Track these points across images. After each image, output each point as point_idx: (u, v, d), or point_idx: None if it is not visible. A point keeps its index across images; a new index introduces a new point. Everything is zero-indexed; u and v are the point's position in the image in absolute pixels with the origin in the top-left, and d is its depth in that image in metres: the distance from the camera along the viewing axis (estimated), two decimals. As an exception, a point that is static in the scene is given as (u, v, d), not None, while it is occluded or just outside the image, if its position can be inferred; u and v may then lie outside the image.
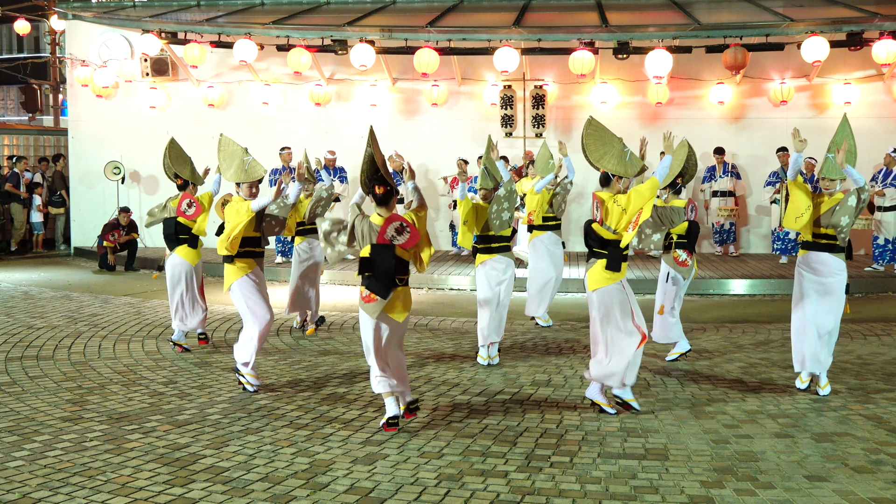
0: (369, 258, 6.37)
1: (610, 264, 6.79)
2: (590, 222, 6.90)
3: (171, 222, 9.34)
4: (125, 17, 16.72)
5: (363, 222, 6.43)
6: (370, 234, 6.39)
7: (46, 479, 5.43)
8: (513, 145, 16.64)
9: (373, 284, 6.38)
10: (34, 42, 41.44)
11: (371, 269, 6.38)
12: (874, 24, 14.27)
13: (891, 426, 6.53)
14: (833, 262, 7.39)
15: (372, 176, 6.43)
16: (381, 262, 6.38)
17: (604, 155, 7.04)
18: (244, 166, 7.54)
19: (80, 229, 18.49)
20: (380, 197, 6.44)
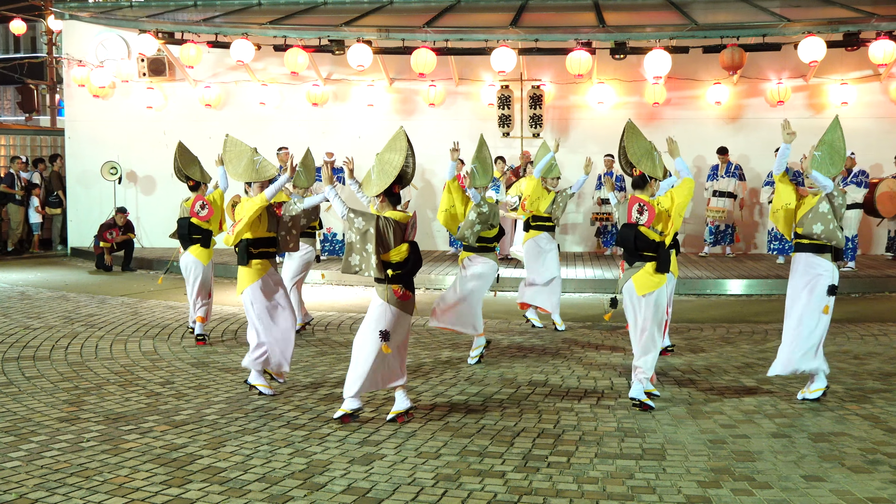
0: (409, 257, 6.45)
1: (660, 266, 7.00)
2: (631, 226, 6.98)
3: (184, 222, 9.62)
4: (122, 17, 16.71)
5: (389, 223, 6.34)
6: (398, 233, 6.38)
7: (43, 479, 5.42)
8: (510, 145, 16.65)
9: (408, 282, 6.52)
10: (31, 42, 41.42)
11: (407, 267, 6.46)
12: (871, 24, 14.28)
13: (887, 426, 6.53)
14: (817, 262, 7.08)
15: (397, 177, 6.49)
16: (416, 260, 6.53)
17: (642, 157, 7.31)
18: (255, 165, 7.48)
19: (76, 230, 18.47)
20: (397, 196, 6.57)
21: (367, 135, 17.21)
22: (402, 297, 6.48)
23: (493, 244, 8.76)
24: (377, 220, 6.30)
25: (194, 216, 9.45)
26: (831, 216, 6.92)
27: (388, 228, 6.32)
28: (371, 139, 17.07)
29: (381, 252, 6.34)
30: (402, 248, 6.41)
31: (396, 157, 6.51)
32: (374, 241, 6.27)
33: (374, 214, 6.37)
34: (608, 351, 9.27)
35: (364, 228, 6.31)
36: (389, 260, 6.41)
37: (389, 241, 6.34)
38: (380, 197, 6.54)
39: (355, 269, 6.42)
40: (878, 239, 16.30)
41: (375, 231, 6.27)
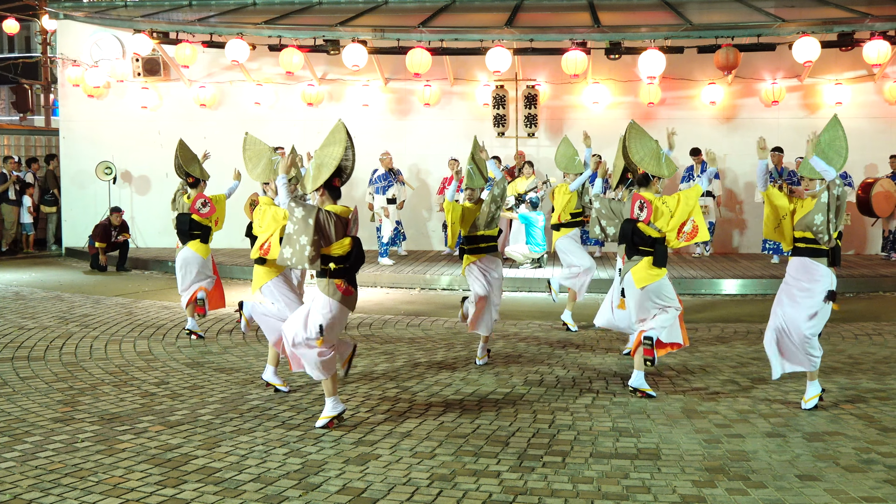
0: (351, 251, 6.36)
1: (657, 261, 7.26)
2: (631, 222, 7.27)
3: (185, 218, 9.78)
4: (116, 16, 16.69)
5: (330, 216, 6.25)
6: (340, 227, 6.29)
7: (38, 479, 5.41)
8: (505, 145, 16.65)
9: (351, 277, 6.44)
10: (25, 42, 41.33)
11: (350, 261, 6.37)
12: (865, 24, 14.31)
13: (882, 425, 6.55)
14: (814, 267, 6.88)
15: (336, 170, 6.40)
16: (359, 254, 6.44)
17: (645, 157, 7.46)
18: (273, 165, 7.41)
19: (71, 229, 18.44)
20: (337, 190, 6.49)
21: (362, 135, 17.15)
22: (344, 292, 6.39)
23: (495, 243, 8.75)
24: (318, 212, 6.21)
25: (195, 213, 9.63)
26: (832, 206, 6.69)
27: (329, 221, 6.22)
28: (366, 139, 17.08)
29: (321, 245, 6.25)
30: (344, 242, 6.33)
31: (336, 149, 6.39)
32: (311, 233, 6.16)
33: (315, 206, 6.28)
34: (603, 351, 9.28)
35: (303, 219, 6.19)
36: (331, 253, 6.32)
37: (331, 234, 6.25)
38: (319, 191, 6.44)
39: (287, 262, 6.33)
40: (872, 239, 16.32)
41: (315, 222, 6.17)
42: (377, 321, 11.00)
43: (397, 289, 13.67)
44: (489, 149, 16.40)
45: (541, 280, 13.62)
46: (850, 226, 15.85)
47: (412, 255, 16.51)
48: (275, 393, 7.49)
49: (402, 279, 13.94)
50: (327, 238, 6.24)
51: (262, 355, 9.01)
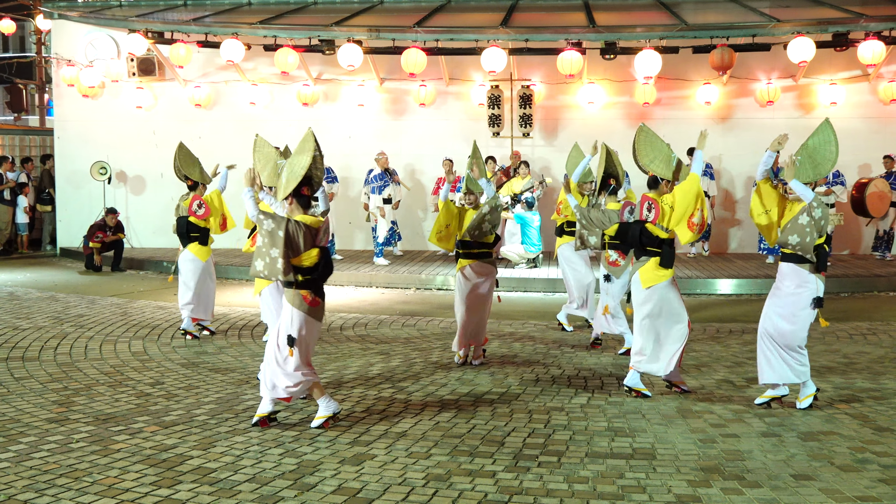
0: (318, 262, 6.34)
1: (664, 261, 7.32)
2: (639, 223, 7.37)
3: (183, 221, 9.83)
4: (111, 16, 16.65)
5: (299, 227, 6.24)
6: (308, 238, 6.28)
7: (32, 480, 5.41)
8: (500, 145, 16.66)
9: (319, 288, 6.43)
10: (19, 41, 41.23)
11: (318, 272, 6.37)
12: (860, 24, 14.33)
13: (876, 425, 6.56)
14: (797, 274, 6.87)
15: (305, 178, 6.40)
16: (327, 265, 6.43)
17: (654, 159, 7.52)
18: (277, 170, 7.36)
19: (66, 230, 18.40)
20: (306, 199, 6.47)
21: (358, 135, 17.20)
22: (311, 303, 6.37)
23: (491, 249, 8.71)
24: (287, 223, 6.19)
25: (192, 215, 9.70)
26: (810, 229, 6.69)
27: (299, 232, 6.22)
28: (361, 139, 17.10)
29: (290, 256, 6.24)
30: (312, 253, 6.30)
31: (304, 158, 6.40)
32: (281, 244, 6.15)
33: (284, 217, 6.26)
34: (598, 351, 9.29)
35: (273, 231, 6.19)
36: (300, 265, 6.30)
37: (299, 244, 6.23)
38: (289, 199, 6.43)
39: (260, 273, 6.31)
40: (866, 238, 16.34)
41: (285, 234, 6.16)
42: (373, 321, 10.99)
43: (393, 289, 13.67)
44: (484, 149, 16.48)
45: (536, 280, 13.64)
46: (845, 226, 15.86)
47: (407, 255, 16.51)
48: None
49: (398, 279, 13.94)
50: (296, 249, 6.25)
51: (257, 355, 9.00)
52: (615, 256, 9.06)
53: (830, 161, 7.01)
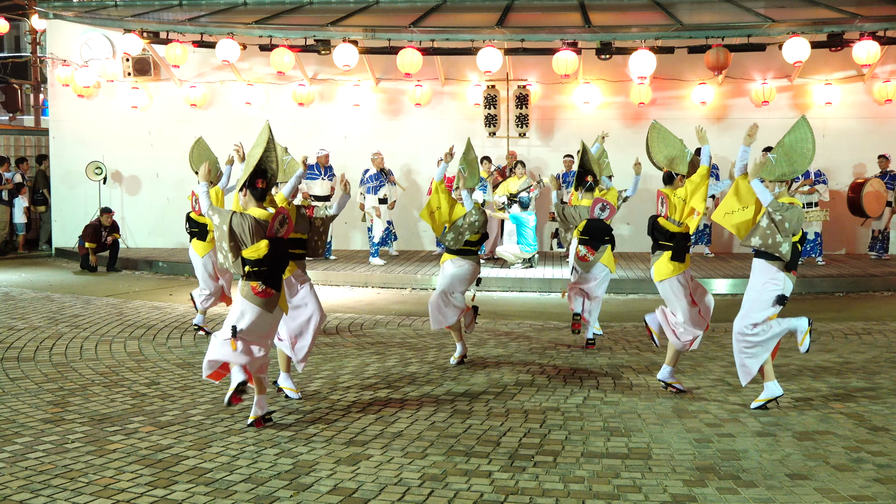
0: (269, 254, 6.35)
1: (675, 255, 7.46)
2: (654, 217, 7.52)
3: (187, 216, 10.10)
4: (107, 16, 16.63)
5: (245, 220, 6.30)
6: (257, 231, 6.31)
7: (28, 481, 5.40)
8: (496, 145, 16.66)
9: (269, 279, 6.43)
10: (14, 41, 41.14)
11: (269, 264, 6.39)
12: (854, 24, 14.36)
13: (871, 424, 6.57)
14: (764, 271, 6.89)
15: (258, 170, 6.47)
16: (280, 256, 6.47)
17: (675, 158, 7.64)
18: (283, 166, 7.35)
19: (61, 230, 18.37)
20: (260, 191, 6.52)
21: (354, 135, 17.20)
22: (260, 294, 6.39)
23: (476, 248, 8.73)
24: (231, 218, 6.28)
25: (193, 210, 9.86)
26: (771, 231, 6.66)
27: (244, 225, 6.27)
28: (357, 139, 17.10)
29: (238, 249, 6.33)
30: (259, 246, 6.31)
31: (257, 150, 6.50)
32: (227, 237, 6.26)
33: (229, 212, 6.34)
34: (595, 351, 9.29)
35: (220, 225, 6.31)
36: (249, 257, 6.35)
37: (245, 238, 6.29)
38: (243, 191, 6.53)
39: (223, 265, 6.47)
40: (862, 238, 16.37)
41: (228, 228, 6.26)
42: (368, 321, 10.99)
43: (388, 289, 13.67)
44: (480, 149, 16.47)
45: (532, 280, 13.64)
46: (840, 225, 15.93)
47: (403, 255, 16.51)
48: (286, 399, 7.44)
49: (394, 279, 13.94)
50: (242, 242, 6.32)
51: (253, 356, 9.00)
52: (584, 251, 9.23)
53: (807, 158, 6.93)
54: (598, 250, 9.18)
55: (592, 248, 9.16)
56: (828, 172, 15.61)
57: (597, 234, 9.16)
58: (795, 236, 6.76)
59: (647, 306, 10.21)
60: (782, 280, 6.84)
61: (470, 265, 8.64)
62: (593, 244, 9.16)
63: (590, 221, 9.12)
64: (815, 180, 14.83)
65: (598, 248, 9.18)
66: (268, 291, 6.42)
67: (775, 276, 6.83)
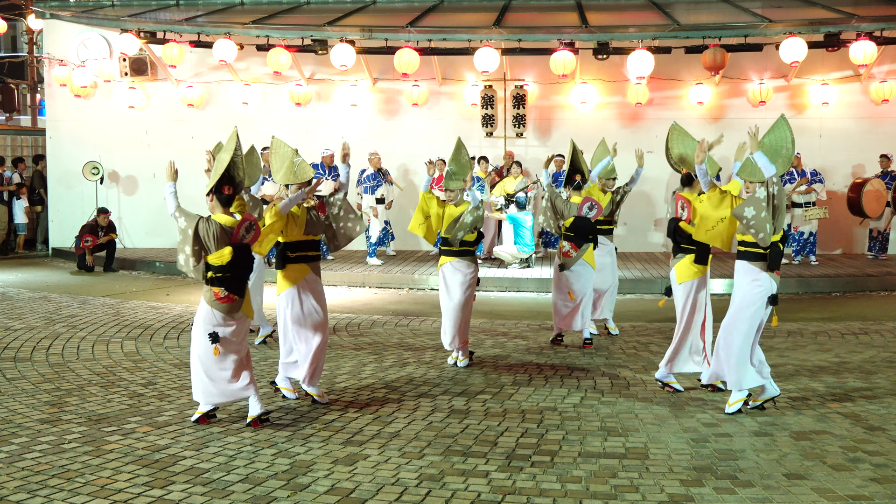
0: (232, 260, 6.38)
1: (698, 258, 7.52)
2: (675, 221, 7.55)
3: None
4: (103, 16, 16.62)
5: (211, 225, 6.34)
6: (222, 237, 6.35)
7: (24, 481, 5.39)
8: (494, 145, 16.66)
9: (232, 285, 6.45)
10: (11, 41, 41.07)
11: (232, 270, 6.41)
12: (851, 25, 14.38)
13: (868, 424, 6.58)
14: (747, 272, 6.82)
15: (225, 176, 6.48)
16: (242, 262, 6.48)
17: (679, 154, 7.66)
18: (293, 168, 7.27)
19: (58, 230, 18.34)
20: (227, 197, 6.53)
21: (351, 135, 17.15)
22: (222, 299, 6.43)
23: (473, 248, 8.72)
24: (198, 222, 6.32)
25: None
26: (766, 203, 6.55)
27: (209, 231, 6.32)
28: (354, 139, 17.00)
29: (201, 254, 6.36)
30: (223, 252, 6.35)
31: (225, 156, 6.53)
32: (191, 242, 6.29)
33: (196, 216, 6.38)
34: (592, 351, 9.29)
35: (185, 229, 6.34)
36: (212, 262, 6.38)
37: (209, 243, 6.33)
38: (210, 197, 6.53)
39: (181, 268, 6.48)
40: (859, 238, 16.38)
41: (194, 233, 6.29)
42: (365, 321, 10.99)
43: (385, 289, 13.66)
44: (477, 149, 16.50)
45: (529, 280, 13.64)
46: (837, 225, 15.94)
47: (400, 254, 16.51)
48: (283, 399, 7.43)
49: (391, 279, 13.94)
50: (206, 248, 6.36)
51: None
52: (567, 247, 9.35)
53: (787, 158, 6.88)
54: (580, 248, 9.32)
55: (576, 244, 9.31)
56: (825, 172, 15.64)
57: (582, 232, 9.33)
58: (776, 235, 6.71)
59: (645, 306, 10.26)
60: (766, 280, 6.76)
61: (471, 269, 8.61)
62: (577, 241, 9.32)
63: (577, 219, 9.31)
64: (811, 179, 14.85)
65: (580, 246, 9.32)
66: (230, 297, 6.46)
67: (758, 277, 6.77)
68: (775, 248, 6.72)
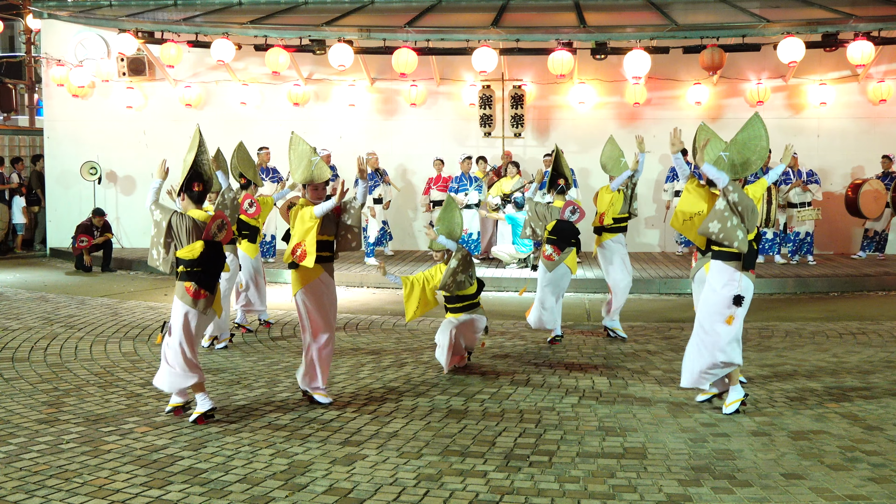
0: (202, 255, 6.48)
1: None
2: None
3: (237, 220, 10.00)
4: (101, 16, 16.61)
5: (184, 220, 6.47)
6: (194, 231, 6.47)
7: (22, 481, 5.38)
8: (492, 145, 16.67)
9: (203, 280, 6.55)
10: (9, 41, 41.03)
11: (202, 265, 6.51)
12: (849, 25, 14.40)
13: (866, 424, 6.58)
14: (722, 272, 6.75)
15: (193, 174, 6.62)
16: (213, 258, 6.57)
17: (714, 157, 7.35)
18: (311, 167, 7.19)
19: (56, 230, 18.33)
20: (197, 194, 6.65)
21: (349, 135, 17.19)
22: (193, 294, 6.53)
23: (477, 299, 8.50)
24: (171, 216, 6.46)
25: (243, 213, 9.87)
26: (728, 213, 6.55)
27: (181, 225, 6.45)
28: (353, 139, 17.08)
29: (173, 248, 6.52)
30: (194, 247, 6.46)
31: (190, 156, 6.67)
32: (163, 236, 6.44)
33: (171, 209, 6.52)
34: (590, 350, 9.30)
35: (159, 221, 6.49)
36: (184, 257, 6.49)
37: (181, 237, 6.47)
38: (181, 196, 6.67)
39: (152, 263, 6.63)
40: (857, 238, 16.39)
41: (167, 225, 6.43)
42: (364, 321, 10.99)
43: (384, 289, 13.66)
44: (475, 149, 16.51)
45: (527, 280, 13.62)
46: (833, 226, 15.96)
47: (398, 254, 16.51)
48: (281, 400, 7.45)
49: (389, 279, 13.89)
50: (178, 241, 6.48)
51: (247, 355, 9.01)
52: (550, 251, 9.47)
53: (760, 156, 6.82)
54: (563, 251, 9.43)
55: (559, 248, 9.43)
56: (822, 172, 15.65)
57: (565, 235, 9.43)
58: (751, 234, 6.69)
59: (643, 306, 10.27)
60: (739, 279, 6.71)
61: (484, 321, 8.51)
62: (560, 245, 9.43)
63: (559, 223, 9.41)
64: (806, 180, 14.85)
65: (563, 249, 9.43)
66: (200, 293, 6.55)
67: (733, 277, 6.71)
68: (750, 247, 6.69)
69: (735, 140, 6.85)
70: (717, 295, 6.77)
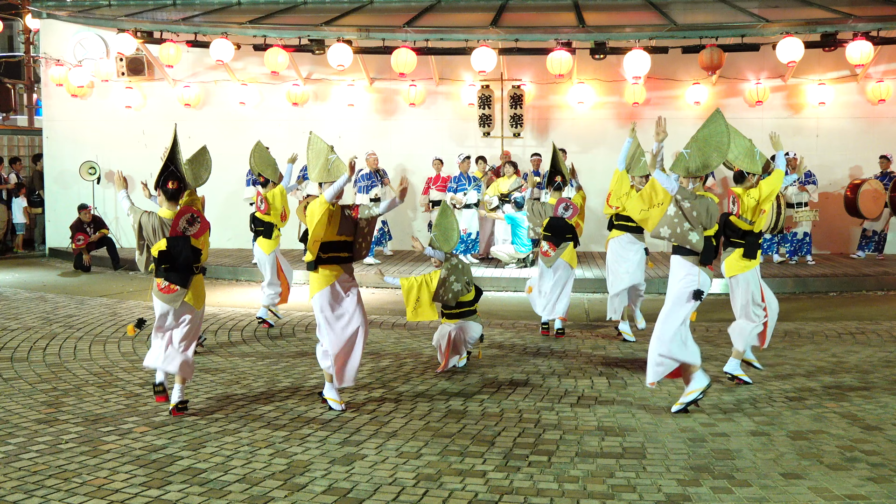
0: (167, 251, 6.69)
1: (747, 252, 7.74)
2: (726, 216, 7.69)
3: (251, 217, 10.74)
4: (100, 16, 16.60)
5: (151, 218, 6.71)
6: (161, 229, 6.69)
7: (21, 481, 5.38)
8: (491, 145, 16.67)
9: (171, 276, 6.75)
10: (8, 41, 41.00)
11: (169, 261, 6.71)
12: (848, 25, 14.40)
13: (865, 423, 6.59)
14: (680, 266, 6.87)
15: (166, 172, 6.82)
16: (179, 254, 6.72)
17: (739, 154, 7.66)
18: (328, 166, 7.14)
19: (55, 230, 18.31)
20: (171, 192, 6.84)
21: (348, 135, 17.18)
22: (163, 290, 6.78)
23: (474, 306, 8.46)
24: (141, 216, 6.75)
25: (257, 210, 10.41)
26: (678, 220, 6.67)
27: (149, 224, 6.73)
28: (352, 139, 17.07)
29: (146, 247, 6.80)
30: (160, 244, 6.70)
31: (165, 154, 6.89)
32: (137, 236, 6.75)
33: (141, 210, 6.79)
34: (589, 350, 9.30)
35: (133, 224, 6.78)
36: (154, 254, 6.74)
37: (149, 235, 6.74)
38: (157, 192, 6.91)
39: (139, 263, 6.90)
40: (854, 239, 16.39)
41: (138, 226, 6.73)
42: (363, 321, 10.97)
43: (383, 289, 13.65)
44: (474, 150, 16.51)
45: (526, 280, 13.61)
46: (831, 226, 15.96)
47: (398, 254, 16.51)
48: (280, 400, 7.45)
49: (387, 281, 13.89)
50: (147, 239, 6.76)
51: (247, 355, 9.00)
52: (546, 247, 9.67)
53: (721, 153, 6.80)
54: (559, 247, 9.60)
55: (554, 244, 9.61)
56: (821, 172, 15.65)
57: (559, 231, 9.61)
58: (710, 230, 6.78)
59: (642, 306, 10.23)
60: (697, 274, 6.84)
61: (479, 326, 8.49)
62: (555, 241, 9.61)
63: (552, 220, 9.58)
64: (804, 180, 14.85)
65: (559, 245, 9.60)
66: (170, 288, 6.77)
67: (690, 271, 6.85)
68: (707, 243, 6.80)
69: (696, 137, 6.85)
70: (676, 288, 6.92)
